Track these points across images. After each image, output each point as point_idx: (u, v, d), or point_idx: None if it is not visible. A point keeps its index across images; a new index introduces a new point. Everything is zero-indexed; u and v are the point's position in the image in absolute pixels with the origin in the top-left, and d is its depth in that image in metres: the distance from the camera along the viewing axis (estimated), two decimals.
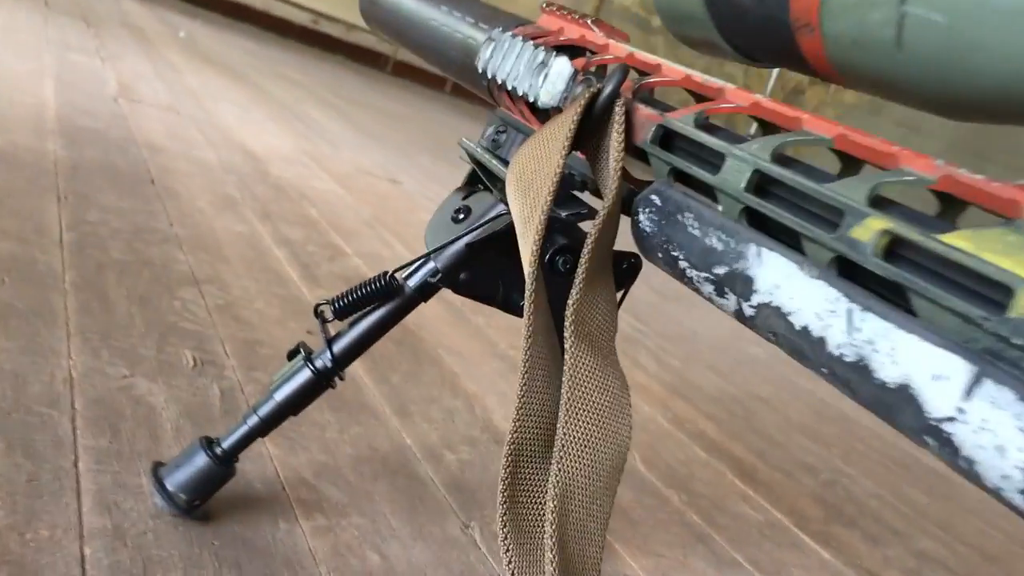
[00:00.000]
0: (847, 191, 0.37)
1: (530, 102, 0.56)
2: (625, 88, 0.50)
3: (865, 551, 1.01)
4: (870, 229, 0.35)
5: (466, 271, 0.57)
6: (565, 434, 0.43)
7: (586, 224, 0.53)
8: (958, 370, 0.32)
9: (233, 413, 0.74)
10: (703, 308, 2.09)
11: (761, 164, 0.41)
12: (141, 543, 0.55)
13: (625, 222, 0.51)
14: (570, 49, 0.58)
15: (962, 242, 0.32)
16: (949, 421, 0.32)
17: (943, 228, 0.35)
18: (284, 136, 2.23)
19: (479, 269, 0.58)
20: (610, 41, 0.56)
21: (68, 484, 0.58)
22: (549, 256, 0.55)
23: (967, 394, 0.31)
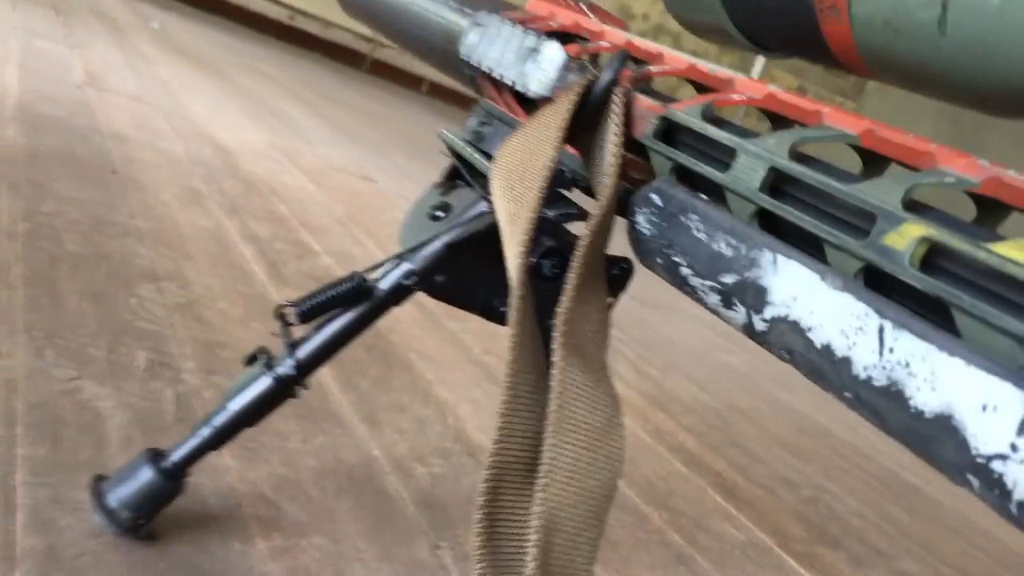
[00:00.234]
0: (879, 192, 0.33)
1: (518, 91, 0.52)
2: (624, 77, 0.46)
3: (850, 574, 0.97)
4: (907, 236, 0.31)
5: (444, 273, 0.53)
6: (552, 458, 0.38)
7: (576, 225, 0.49)
8: (1012, 400, 0.27)
9: (188, 421, 0.69)
10: (681, 316, 2.05)
11: (777, 161, 0.36)
12: (77, 566, 0.50)
13: (619, 223, 0.46)
14: (562, 36, 0.53)
15: (1017, 253, 0.28)
16: (1000, 459, 0.28)
17: (988, 236, 0.30)
18: (257, 130, 2.17)
19: (458, 272, 0.53)
20: (606, 27, 0.52)
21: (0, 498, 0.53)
22: (535, 259, 0.50)
23: (1022, 428, 0.27)
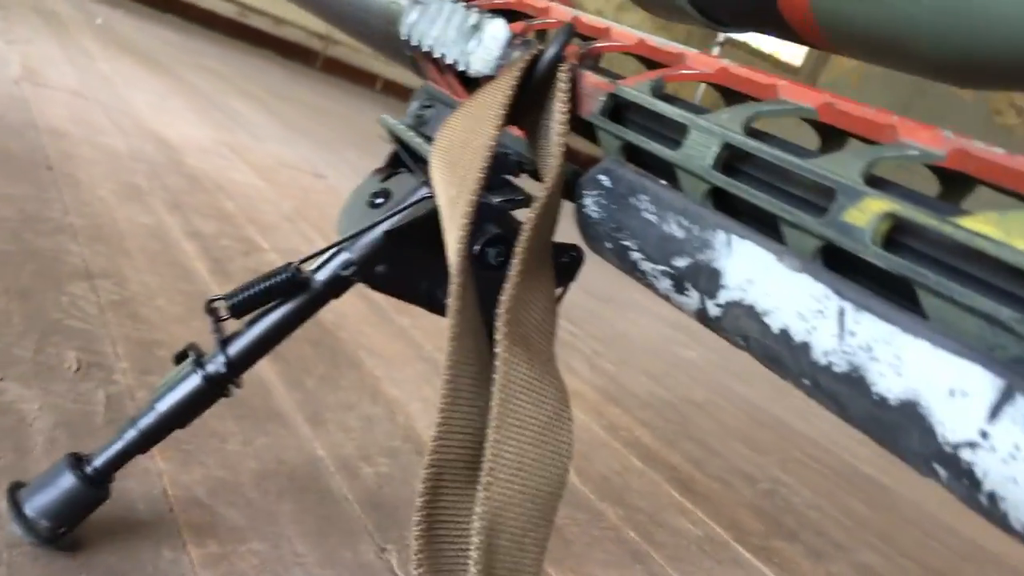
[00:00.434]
0: (838, 167, 0.31)
1: (460, 71, 0.49)
2: (570, 53, 0.43)
3: (808, 567, 0.96)
4: (868, 212, 0.29)
5: (384, 263, 0.50)
6: (495, 455, 0.36)
7: (523, 213, 0.46)
8: (982, 384, 0.25)
9: (120, 423, 0.65)
10: (636, 311, 2.03)
11: (731, 136, 0.34)
12: None
13: (567, 209, 0.44)
14: (507, 14, 0.51)
15: (987, 227, 0.26)
16: (969, 447, 0.26)
17: (954, 211, 0.28)
18: (203, 126, 2.11)
19: (399, 261, 0.50)
20: (552, 4, 0.49)
21: None
22: (479, 247, 0.48)
23: (993, 414, 0.25)
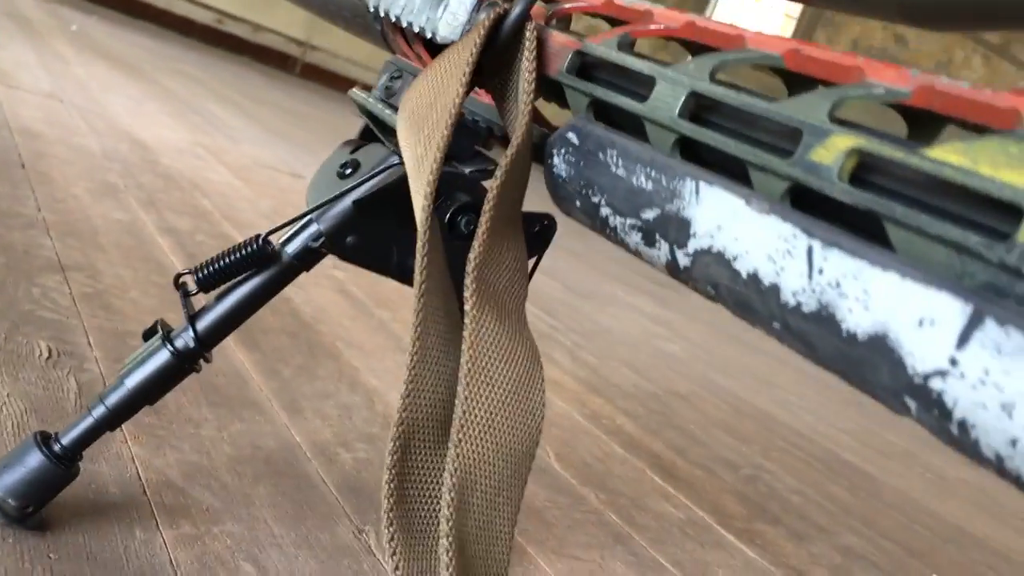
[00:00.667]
0: (804, 108, 0.30)
1: (428, 39, 0.49)
2: (537, 14, 0.43)
3: (791, 549, 0.96)
4: (834, 149, 0.29)
5: (354, 234, 0.49)
6: (465, 412, 0.35)
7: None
8: (950, 311, 0.25)
9: None
10: (618, 306, 2.04)
11: (697, 85, 0.34)
12: None
13: (537, 176, 0.44)
14: None
15: (953, 156, 0.26)
16: (938, 376, 0.25)
17: (920, 145, 0.28)
18: (179, 129, 2.10)
19: (369, 231, 0.50)
20: None
21: None
22: (449, 215, 0.47)
23: (962, 341, 0.25)
